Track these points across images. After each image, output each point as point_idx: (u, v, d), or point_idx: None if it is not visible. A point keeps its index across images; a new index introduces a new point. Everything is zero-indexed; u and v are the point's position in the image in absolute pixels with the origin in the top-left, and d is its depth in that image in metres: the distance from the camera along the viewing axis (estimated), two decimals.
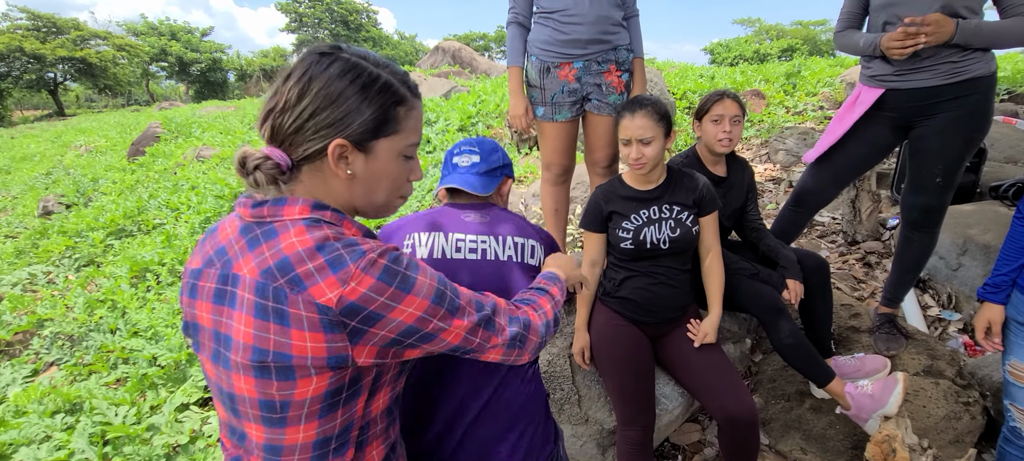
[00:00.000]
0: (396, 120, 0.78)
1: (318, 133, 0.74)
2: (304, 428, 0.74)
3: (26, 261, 5.03)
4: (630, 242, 1.68)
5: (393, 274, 0.72)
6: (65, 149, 11.58)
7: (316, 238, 0.71)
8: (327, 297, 0.69)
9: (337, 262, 0.70)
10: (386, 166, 0.80)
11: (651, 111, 1.59)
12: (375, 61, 0.78)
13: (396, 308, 0.72)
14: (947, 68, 1.68)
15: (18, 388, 2.98)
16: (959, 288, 2.55)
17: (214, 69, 36.26)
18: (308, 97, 0.73)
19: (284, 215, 0.74)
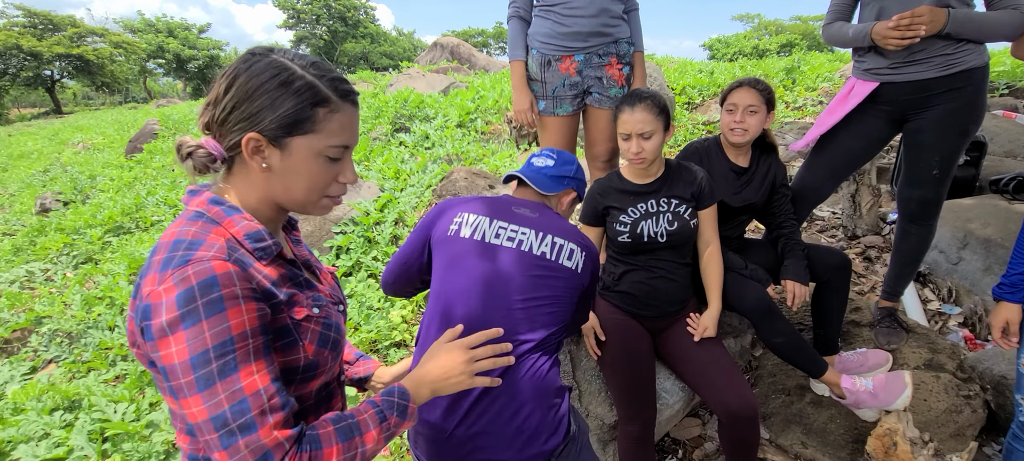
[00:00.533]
0: (313, 120, 0.78)
1: (238, 126, 0.77)
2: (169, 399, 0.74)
3: (24, 258, 5.02)
4: (627, 235, 1.67)
5: (188, 300, 0.67)
6: (62, 147, 11.54)
7: (181, 232, 0.74)
8: (145, 291, 0.70)
9: (168, 261, 0.70)
10: (303, 164, 0.79)
11: (651, 104, 1.58)
12: (305, 64, 0.79)
13: (166, 337, 0.67)
14: (941, 60, 1.68)
15: (16, 385, 2.98)
16: (959, 282, 2.55)
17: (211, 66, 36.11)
18: (231, 91, 0.77)
19: (190, 204, 0.79)
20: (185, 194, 0.81)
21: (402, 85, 8.18)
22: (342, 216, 3.91)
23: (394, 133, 6.33)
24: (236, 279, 0.70)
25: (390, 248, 3.72)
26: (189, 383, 0.67)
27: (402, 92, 7.34)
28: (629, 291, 1.73)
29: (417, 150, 5.49)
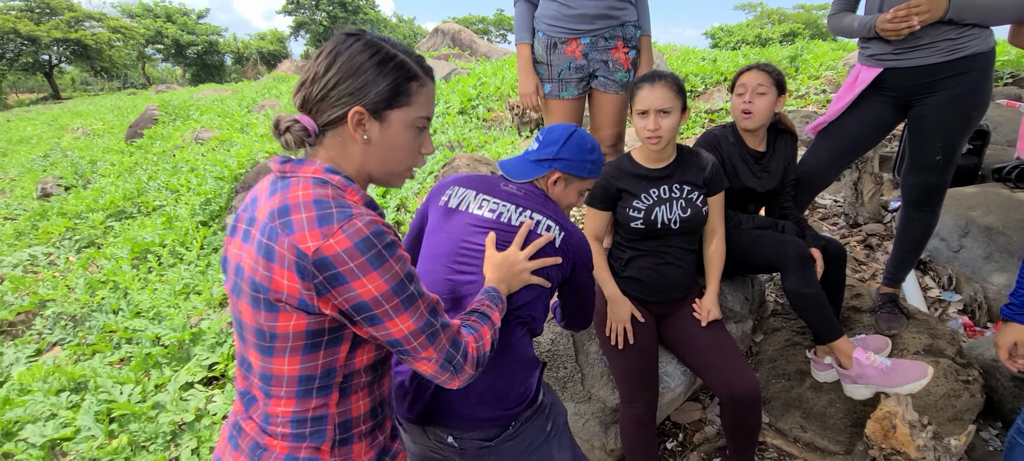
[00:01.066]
0: (408, 93, 0.87)
1: (340, 100, 0.83)
2: (288, 360, 0.82)
3: (26, 242, 5.03)
4: (641, 222, 1.66)
5: (369, 245, 0.77)
6: (62, 132, 11.50)
7: (317, 194, 0.80)
8: (307, 245, 0.76)
9: (326, 218, 0.78)
10: (399, 135, 0.88)
11: (670, 83, 1.57)
12: (393, 43, 0.88)
13: (359, 279, 0.77)
14: (945, 45, 1.67)
15: (22, 367, 3.00)
16: (960, 269, 2.56)
17: (211, 52, 35.88)
18: (333, 69, 0.83)
19: (301, 172, 0.84)
20: (278, 162, 0.87)
21: None
22: None
23: None
24: (389, 230, 0.82)
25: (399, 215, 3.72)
26: (395, 306, 0.80)
27: None
28: (637, 277, 1.73)
29: None
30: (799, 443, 1.94)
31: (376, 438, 0.93)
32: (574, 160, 1.31)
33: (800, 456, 1.92)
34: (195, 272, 3.82)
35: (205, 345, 2.82)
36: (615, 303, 1.70)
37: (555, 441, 1.28)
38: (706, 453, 2.03)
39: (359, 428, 0.89)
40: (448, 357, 0.86)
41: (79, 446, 2.24)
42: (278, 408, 0.85)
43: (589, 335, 1.92)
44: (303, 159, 0.86)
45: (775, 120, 1.91)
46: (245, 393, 0.91)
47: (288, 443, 0.85)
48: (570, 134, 1.33)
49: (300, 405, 0.84)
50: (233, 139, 6.53)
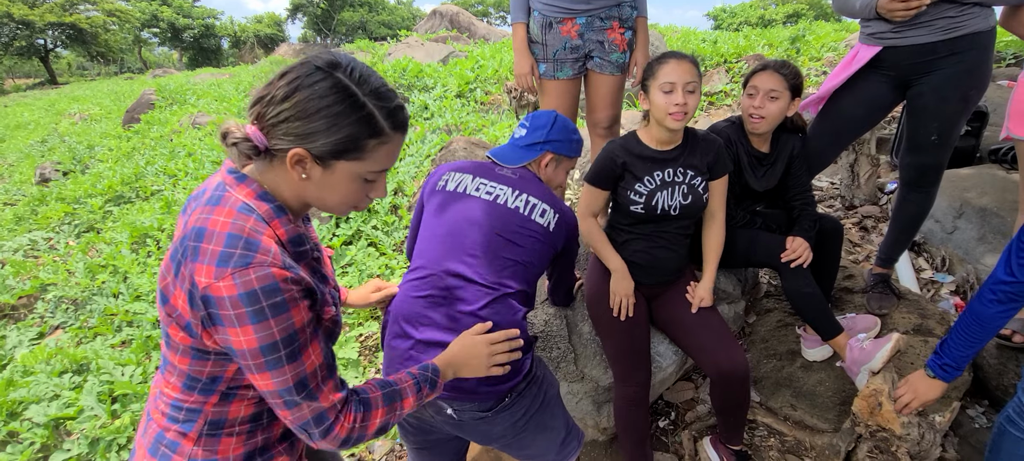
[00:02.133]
0: (363, 150, 0.81)
1: (288, 136, 0.79)
2: (180, 358, 0.85)
3: (26, 227, 5.05)
4: (641, 207, 1.64)
5: (253, 300, 0.75)
6: (59, 117, 11.45)
7: (234, 227, 0.78)
8: (201, 279, 0.76)
9: (226, 259, 0.76)
10: (341, 184, 0.84)
11: (694, 62, 1.57)
12: (368, 90, 0.80)
13: (235, 328, 0.76)
14: (944, 23, 1.66)
15: (25, 349, 3.04)
16: (953, 251, 2.57)
17: (207, 35, 35.48)
18: (289, 102, 0.78)
19: (235, 191, 0.82)
20: (227, 172, 0.84)
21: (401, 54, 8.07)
22: None
23: None
24: (292, 284, 0.79)
25: (389, 217, 3.74)
26: (258, 364, 0.78)
27: (401, 61, 7.25)
28: (631, 260, 1.73)
29: (416, 120, 5.46)
30: (789, 421, 1.97)
31: (254, 436, 0.93)
32: (563, 141, 1.41)
33: (789, 433, 1.96)
34: None
35: None
36: (621, 275, 1.69)
37: (547, 411, 1.34)
38: (698, 431, 2.06)
39: (232, 428, 0.90)
40: (304, 426, 0.83)
41: (82, 425, 2.28)
42: (166, 389, 0.90)
43: (582, 316, 1.94)
44: (244, 177, 0.83)
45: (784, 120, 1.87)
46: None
47: (163, 421, 0.90)
48: (555, 118, 1.43)
49: (183, 395, 0.88)
50: None
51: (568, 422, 1.43)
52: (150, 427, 0.91)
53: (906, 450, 1.55)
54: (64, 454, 2.16)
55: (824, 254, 1.92)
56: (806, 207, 1.89)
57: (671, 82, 1.53)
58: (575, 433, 1.45)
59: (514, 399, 1.25)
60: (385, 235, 3.50)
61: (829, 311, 1.76)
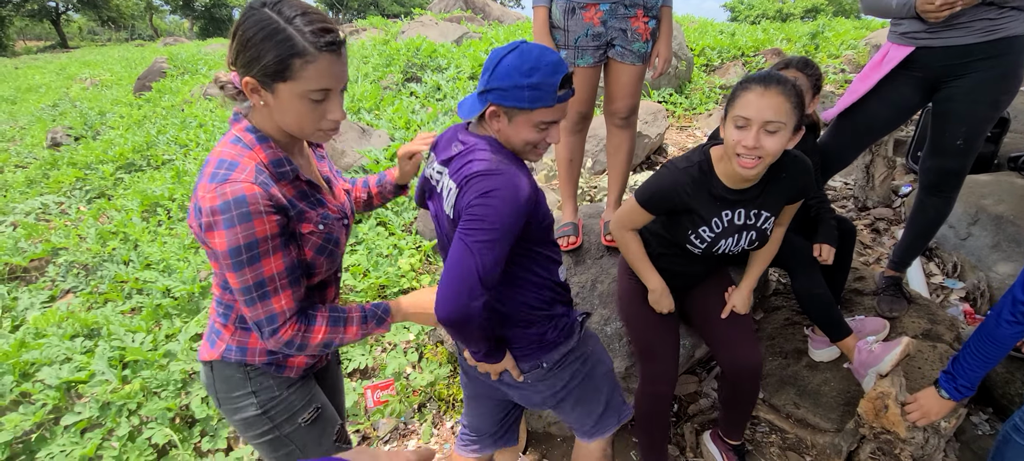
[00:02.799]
0: (292, 69, 0.92)
1: (241, 69, 0.95)
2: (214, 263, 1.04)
3: (37, 190, 5.08)
4: (699, 251, 1.47)
5: (226, 209, 0.92)
6: (70, 82, 11.45)
7: (226, 152, 0.98)
8: (200, 195, 0.96)
9: (214, 176, 0.95)
10: (289, 105, 0.96)
11: (789, 91, 1.20)
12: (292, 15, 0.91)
13: (213, 232, 0.94)
14: (982, 25, 1.62)
15: (37, 312, 3.08)
16: (966, 257, 2.55)
17: (218, 5, 35.22)
18: (235, 39, 0.94)
19: (233, 129, 1.02)
20: (231, 116, 1.04)
21: (414, 33, 7.99)
22: (352, 163, 3.92)
23: (405, 83, 6.24)
24: (260, 198, 0.94)
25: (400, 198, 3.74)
26: (227, 265, 0.96)
27: (414, 40, 7.18)
28: (667, 268, 1.64)
29: (428, 101, 5.42)
30: (791, 419, 1.98)
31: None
32: (508, 89, 1.05)
33: (791, 431, 1.97)
34: None
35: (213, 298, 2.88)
36: (661, 295, 1.60)
37: (589, 387, 1.35)
38: (700, 424, 2.08)
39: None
40: (258, 324, 1.01)
41: (94, 389, 2.32)
42: (213, 288, 1.14)
43: (591, 305, 1.94)
44: (239, 116, 1.02)
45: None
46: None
47: (214, 314, 1.15)
48: (504, 54, 1.06)
49: (220, 292, 1.11)
50: None
51: (611, 400, 1.40)
52: (210, 319, 1.18)
53: (909, 453, 1.56)
54: (75, 416, 2.20)
55: (836, 256, 1.91)
56: (822, 206, 1.87)
57: (746, 117, 1.22)
58: (615, 410, 1.42)
59: (550, 370, 1.27)
60: (395, 215, 3.51)
61: (838, 312, 1.76)
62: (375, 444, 2.26)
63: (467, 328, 1.06)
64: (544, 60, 1.05)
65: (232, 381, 1.14)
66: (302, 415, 1.19)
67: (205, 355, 1.16)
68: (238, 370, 1.14)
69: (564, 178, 2.21)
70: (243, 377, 1.14)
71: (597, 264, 2.01)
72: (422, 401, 2.38)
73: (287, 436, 1.19)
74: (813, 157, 1.89)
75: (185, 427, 2.26)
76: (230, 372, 1.14)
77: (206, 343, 1.17)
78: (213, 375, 1.16)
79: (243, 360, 1.13)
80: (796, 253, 1.76)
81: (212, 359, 1.15)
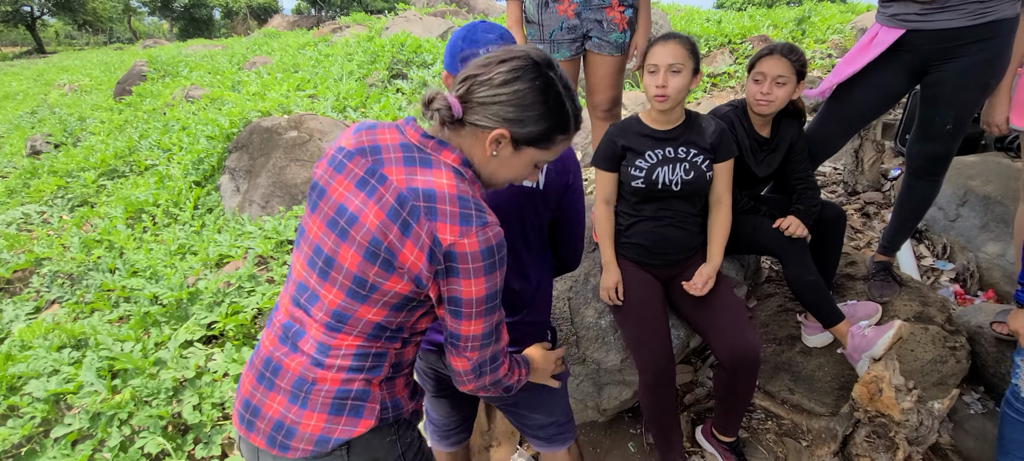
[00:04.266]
0: (552, 142, 0.93)
1: (495, 117, 0.88)
2: (376, 311, 0.91)
3: (18, 200, 4.98)
4: (642, 181, 1.65)
5: (490, 254, 0.87)
6: (48, 88, 11.22)
7: (460, 189, 0.88)
8: (445, 237, 0.85)
9: (467, 218, 0.87)
10: (522, 165, 0.96)
11: (684, 42, 1.55)
12: (570, 94, 0.93)
13: (470, 279, 0.87)
14: (973, 8, 1.61)
15: (22, 324, 3.02)
16: (955, 238, 2.58)
17: (198, 5, 34.64)
18: (507, 89, 0.87)
19: (442, 157, 0.91)
20: (415, 129, 0.93)
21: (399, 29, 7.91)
22: None
23: (391, 79, 6.18)
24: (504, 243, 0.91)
25: None
26: (479, 311, 0.90)
27: (399, 36, 7.11)
28: (639, 242, 1.72)
29: (415, 97, 5.38)
30: (786, 405, 1.99)
31: (410, 377, 1.06)
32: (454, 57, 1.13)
33: (787, 417, 1.98)
34: (190, 232, 3.80)
35: (203, 305, 2.83)
36: (606, 268, 1.74)
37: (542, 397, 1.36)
38: (696, 413, 2.08)
39: (405, 369, 1.02)
40: (480, 364, 0.96)
41: (83, 400, 2.27)
42: (344, 342, 0.92)
43: (585, 300, 1.94)
44: (445, 142, 0.91)
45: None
46: (290, 326, 0.96)
47: (343, 374, 0.92)
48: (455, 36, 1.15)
49: (367, 343, 0.93)
50: (224, 97, 6.39)
51: (566, 411, 1.43)
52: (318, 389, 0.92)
53: (904, 435, 1.57)
54: (65, 428, 2.16)
55: (826, 241, 1.91)
56: (808, 190, 1.88)
57: (655, 64, 1.55)
58: (570, 424, 1.45)
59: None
60: None
61: (830, 298, 1.76)
62: None
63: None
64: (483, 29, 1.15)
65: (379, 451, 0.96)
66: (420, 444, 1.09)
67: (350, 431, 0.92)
68: (388, 433, 0.98)
69: None
70: (393, 439, 0.98)
71: (589, 258, 2.01)
72: None
73: None
74: (799, 143, 1.90)
75: (178, 435, 2.22)
76: (378, 440, 0.96)
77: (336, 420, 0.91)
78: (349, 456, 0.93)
79: (400, 415, 0.99)
80: (787, 241, 1.76)
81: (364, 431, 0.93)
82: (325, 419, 0.91)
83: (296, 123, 4.29)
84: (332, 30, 10.75)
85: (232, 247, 3.41)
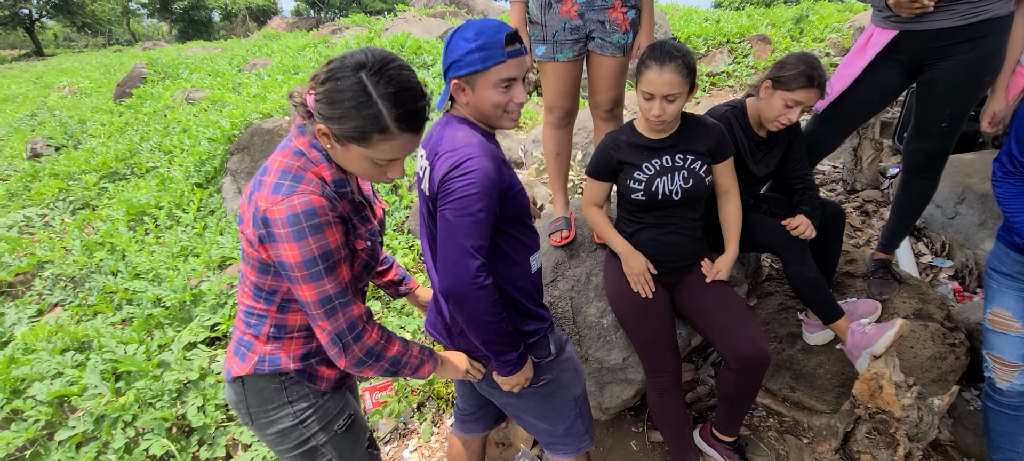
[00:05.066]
0: (370, 141, 0.97)
1: (321, 114, 0.97)
2: (249, 269, 1.08)
3: (20, 203, 4.99)
4: (641, 193, 1.63)
5: (296, 221, 0.94)
6: (48, 90, 11.21)
7: (287, 164, 1.00)
8: (260, 204, 0.98)
9: (278, 187, 0.97)
10: (356, 161, 1.01)
11: (681, 65, 1.47)
12: (385, 93, 0.94)
13: (283, 244, 0.96)
14: (965, 8, 1.63)
15: (25, 327, 3.03)
16: (954, 236, 2.59)
17: (197, 7, 34.60)
18: (323, 87, 0.96)
19: (294, 141, 1.04)
20: (294, 126, 1.05)
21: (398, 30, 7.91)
22: None
23: None
24: (327, 210, 0.97)
25: (389, 198, 3.71)
26: (303, 276, 0.97)
27: (398, 37, 7.12)
28: (641, 249, 1.71)
29: None
30: (787, 402, 2.00)
31: (309, 343, 1.14)
32: (461, 57, 1.13)
33: (788, 414, 1.99)
34: (192, 234, 3.81)
35: (206, 306, 2.84)
36: (628, 256, 1.69)
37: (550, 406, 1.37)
38: (697, 412, 2.10)
39: (292, 332, 1.12)
40: (338, 333, 1.01)
41: (87, 402, 2.28)
42: (243, 299, 1.13)
43: (586, 299, 1.95)
44: (303, 129, 1.03)
45: None
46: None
47: (242, 326, 1.14)
48: (454, 33, 1.15)
49: (252, 302, 1.10)
50: (225, 99, 6.40)
51: (571, 428, 1.41)
52: (234, 333, 1.17)
53: (904, 432, 1.59)
54: (69, 431, 2.17)
55: (826, 239, 1.93)
56: (808, 190, 1.88)
57: (649, 92, 1.51)
58: (575, 438, 1.43)
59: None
60: (387, 215, 3.49)
61: (830, 296, 1.77)
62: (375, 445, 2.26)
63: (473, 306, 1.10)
64: (487, 24, 1.14)
65: (266, 393, 1.12)
66: (337, 422, 1.19)
67: (236, 371, 1.13)
68: (272, 381, 1.12)
69: (553, 172, 2.20)
70: (278, 387, 1.12)
71: (591, 257, 2.02)
72: (421, 400, 2.38)
73: (323, 445, 1.18)
74: (797, 143, 1.91)
75: (182, 437, 2.23)
76: (263, 384, 1.12)
77: (233, 359, 1.15)
78: (244, 390, 1.13)
79: (277, 369, 1.11)
80: (787, 238, 1.77)
81: (243, 374, 1.12)
82: (230, 356, 1.16)
83: None
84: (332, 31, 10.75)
85: (235, 248, 3.42)
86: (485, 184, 1.08)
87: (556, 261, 2.04)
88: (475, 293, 1.08)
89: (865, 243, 2.77)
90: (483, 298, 1.09)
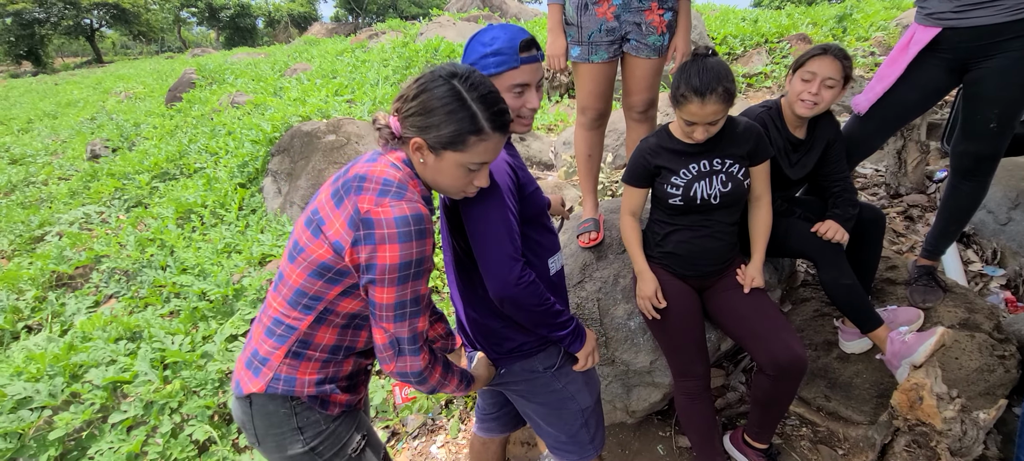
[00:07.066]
0: (466, 143, 1.01)
1: (413, 128, 1.02)
2: (298, 272, 1.05)
3: (80, 201, 5.34)
4: (680, 198, 1.62)
5: (404, 224, 0.96)
6: (106, 95, 11.94)
7: (388, 173, 1.03)
8: (363, 205, 0.99)
9: (383, 191, 1.00)
10: (449, 171, 1.04)
11: (722, 94, 1.45)
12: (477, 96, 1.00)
13: (382, 245, 0.96)
14: (1011, 3, 1.55)
15: (83, 317, 3.25)
16: (1007, 243, 2.45)
17: (243, 15, 36.16)
18: (415, 101, 1.01)
19: (387, 155, 1.08)
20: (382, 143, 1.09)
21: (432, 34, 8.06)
22: None
23: None
24: (429, 219, 1.01)
25: None
26: (392, 279, 0.98)
27: (433, 41, 7.25)
28: (675, 251, 1.70)
29: None
30: (822, 412, 1.94)
31: (326, 367, 1.12)
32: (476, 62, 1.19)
33: (822, 424, 1.93)
34: (235, 232, 4.00)
35: (247, 301, 2.98)
36: (640, 278, 1.70)
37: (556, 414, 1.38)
38: (728, 418, 2.06)
39: (314, 352, 1.09)
40: (397, 340, 1.03)
41: (138, 389, 2.43)
42: (273, 303, 1.10)
43: (614, 300, 1.94)
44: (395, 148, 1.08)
45: None
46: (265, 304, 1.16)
47: (262, 335, 1.10)
48: (473, 38, 1.22)
49: (285, 309, 1.07)
50: (267, 103, 6.67)
51: (576, 436, 1.41)
52: (248, 345, 1.14)
53: (946, 446, 1.52)
54: (121, 415, 2.32)
55: (864, 244, 1.86)
56: (845, 193, 1.83)
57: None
58: (579, 446, 1.43)
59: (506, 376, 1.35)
60: None
61: (868, 303, 1.71)
62: (404, 440, 2.32)
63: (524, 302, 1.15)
64: (505, 30, 1.19)
65: (274, 417, 1.08)
66: (350, 445, 1.16)
67: (247, 386, 1.08)
68: (282, 404, 1.07)
69: (583, 174, 2.21)
70: (288, 412, 1.08)
71: (619, 259, 2.01)
72: (449, 398, 2.42)
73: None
74: (837, 144, 1.85)
75: (223, 424, 2.35)
76: (272, 407, 1.07)
77: (245, 372, 1.09)
78: (251, 410, 1.08)
79: (291, 392, 1.07)
80: (821, 243, 1.72)
81: (254, 391, 1.07)
82: (241, 368, 1.12)
83: (334, 127, 4.44)
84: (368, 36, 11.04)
85: (274, 246, 3.57)
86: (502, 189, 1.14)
87: (584, 262, 2.05)
88: (523, 293, 1.14)
89: (908, 249, 2.66)
90: (531, 294, 1.15)
